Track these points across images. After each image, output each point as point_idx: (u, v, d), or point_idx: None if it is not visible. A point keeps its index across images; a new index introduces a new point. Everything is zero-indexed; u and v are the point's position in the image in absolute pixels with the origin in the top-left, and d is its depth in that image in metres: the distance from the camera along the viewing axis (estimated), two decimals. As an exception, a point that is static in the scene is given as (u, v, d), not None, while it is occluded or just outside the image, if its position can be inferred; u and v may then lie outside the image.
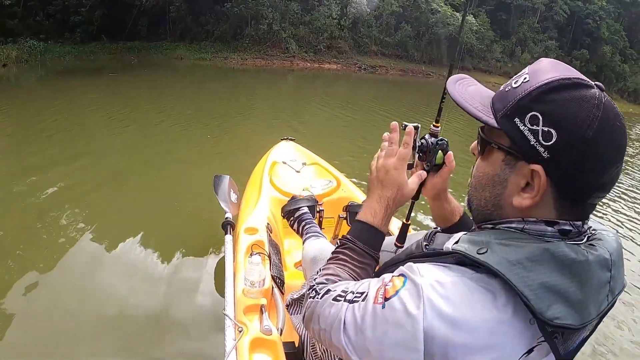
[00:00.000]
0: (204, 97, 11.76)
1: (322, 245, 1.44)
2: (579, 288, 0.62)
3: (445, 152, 1.00)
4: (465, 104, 0.74)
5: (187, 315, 2.68)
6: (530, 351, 0.65)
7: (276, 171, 3.03)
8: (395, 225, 2.22)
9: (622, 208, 6.10)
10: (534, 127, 0.64)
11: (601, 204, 5.88)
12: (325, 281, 0.86)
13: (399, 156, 0.93)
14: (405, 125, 0.96)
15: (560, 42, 35.25)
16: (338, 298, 0.77)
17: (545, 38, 34.54)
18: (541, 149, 0.64)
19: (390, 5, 27.78)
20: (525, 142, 0.65)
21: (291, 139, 3.74)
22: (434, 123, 1.03)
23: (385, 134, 0.97)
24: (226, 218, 2.61)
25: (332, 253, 0.94)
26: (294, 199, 1.66)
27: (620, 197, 6.59)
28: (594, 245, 0.68)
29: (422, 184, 1.02)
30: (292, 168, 3.13)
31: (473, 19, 28.55)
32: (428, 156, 1.00)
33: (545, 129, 0.63)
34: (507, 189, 0.71)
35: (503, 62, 31.96)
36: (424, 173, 1.00)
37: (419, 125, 0.97)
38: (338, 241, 0.95)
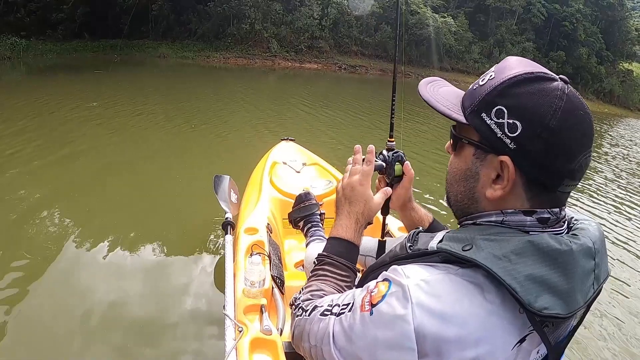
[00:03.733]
0: (192, 96, 11.70)
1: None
2: (564, 277, 0.63)
3: (402, 163, 1.05)
4: (435, 103, 0.77)
5: (187, 316, 2.68)
6: (522, 341, 0.66)
7: (276, 171, 3.03)
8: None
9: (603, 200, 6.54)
10: (500, 120, 0.67)
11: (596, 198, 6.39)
12: (310, 297, 0.86)
13: (362, 173, 0.97)
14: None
15: (538, 44, 36.14)
16: (325, 312, 0.77)
17: (522, 39, 35.36)
18: (507, 141, 0.66)
19: (371, 6, 28.29)
20: (492, 135, 0.68)
21: (291, 139, 3.71)
22: (388, 138, 1.08)
23: (350, 158, 1.01)
24: (226, 218, 2.63)
25: (312, 272, 0.94)
26: (303, 203, 1.59)
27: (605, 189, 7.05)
28: (576, 235, 0.69)
29: (388, 199, 1.05)
30: (292, 168, 3.13)
31: (452, 20, 29.14)
32: (388, 170, 1.04)
33: (510, 121, 0.65)
34: (480, 181, 0.73)
35: (481, 62, 32.67)
36: (389, 190, 1.02)
37: (373, 145, 1.01)
38: (315, 260, 0.95)
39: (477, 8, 34.89)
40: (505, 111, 0.66)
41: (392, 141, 1.07)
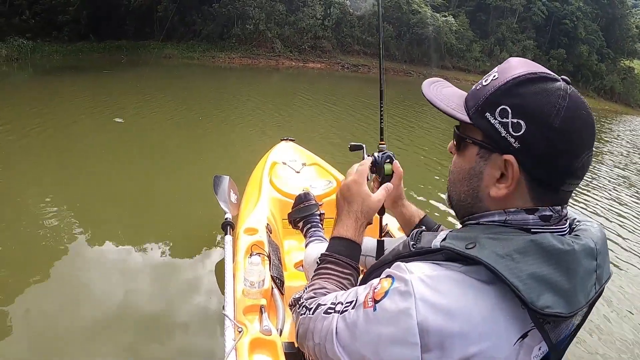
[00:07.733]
0: (196, 96, 11.85)
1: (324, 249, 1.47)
2: (566, 277, 0.63)
3: (391, 163, 1.10)
4: (439, 103, 0.77)
5: (187, 316, 2.70)
6: (524, 336, 0.66)
7: (276, 171, 3.02)
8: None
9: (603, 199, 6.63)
10: (504, 120, 0.67)
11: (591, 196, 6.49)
12: (313, 295, 0.86)
13: (356, 171, 1.00)
14: (351, 146, 1.18)
15: (538, 42, 36.21)
16: (329, 311, 0.78)
17: (523, 38, 35.45)
18: (512, 140, 0.66)
19: (373, 5, 28.54)
20: (496, 135, 0.68)
21: (291, 140, 3.71)
22: (379, 141, 1.16)
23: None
24: (226, 218, 2.65)
25: (314, 270, 0.95)
26: (303, 204, 1.59)
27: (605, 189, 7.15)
28: (578, 236, 0.69)
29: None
30: (292, 168, 3.12)
31: (452, 19, 29.37)
32: (379, 170, 1.10)
33: (515, 120, 0.66)
34: (483, 180, 0.72)
35: (482, 61, 32.77)
36: (390, 185, 1.04)
37: (364, 145, 1.15)
38: (318, 260, 0.97)
39: (477, 7, 35.02)
40: (510, 111, 0.67)
41: (383, 144, 1.14)
